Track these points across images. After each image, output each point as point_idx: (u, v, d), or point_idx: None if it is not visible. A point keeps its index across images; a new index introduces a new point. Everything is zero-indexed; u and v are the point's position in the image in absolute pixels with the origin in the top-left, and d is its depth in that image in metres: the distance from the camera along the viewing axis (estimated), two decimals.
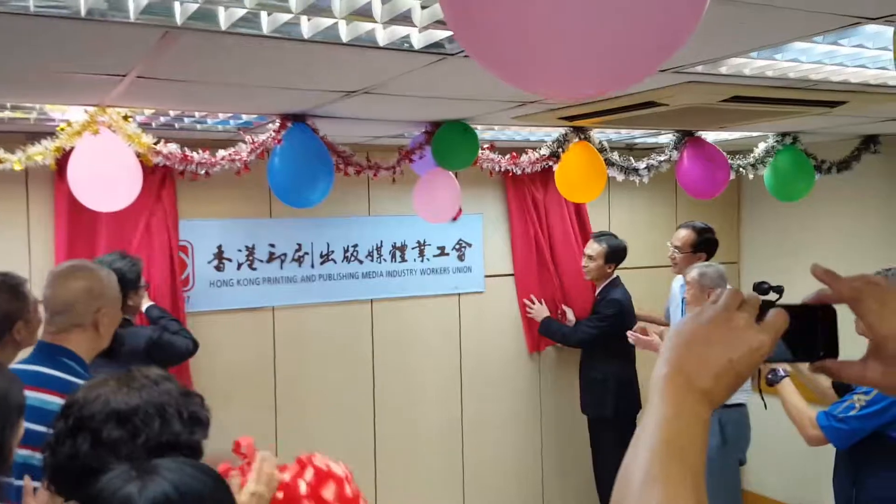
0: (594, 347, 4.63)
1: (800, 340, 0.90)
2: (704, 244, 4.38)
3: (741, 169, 4.56)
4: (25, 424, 2.04)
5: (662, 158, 4.35)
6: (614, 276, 4.65)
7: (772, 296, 3.32)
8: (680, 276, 4.52)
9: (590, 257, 4.60)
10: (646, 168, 4.35)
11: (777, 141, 4.59)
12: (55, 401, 2.05)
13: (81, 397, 1.44)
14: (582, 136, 4.04)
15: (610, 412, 4.58)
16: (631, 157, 4.32)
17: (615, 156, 4.24)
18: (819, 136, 4.63)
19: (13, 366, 2.32)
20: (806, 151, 4.62)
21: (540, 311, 4.84)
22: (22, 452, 1.99)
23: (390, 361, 4.73)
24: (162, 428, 1.38)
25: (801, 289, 2.64)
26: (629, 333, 4.14)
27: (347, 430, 4.57)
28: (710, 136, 4.49)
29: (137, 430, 1.37)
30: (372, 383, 4.70)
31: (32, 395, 2.12)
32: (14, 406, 1.70)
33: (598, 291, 4.71)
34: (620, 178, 4.31)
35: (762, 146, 4.61)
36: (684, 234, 4.38)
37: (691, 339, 0.83)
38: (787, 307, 0.89)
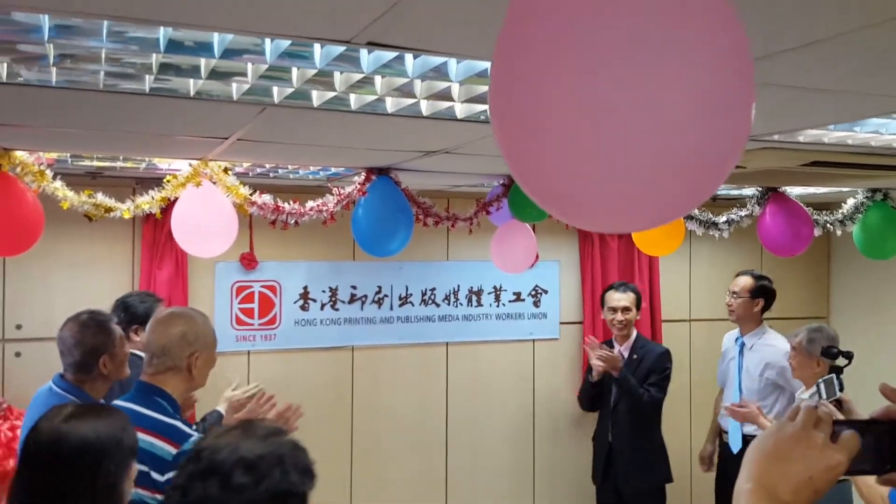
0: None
1: (869, 454, 0.97)
2: (762, 291, 4.24)
3: (828, 225, 4.44)
4: None
5: (744, 213, 4.29)
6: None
7: (840, 360, 3.25)
8: (733, 332, 4.42)
9: (625, 309, 4.34)
10: (726, 222, 4.31)
11: (867, 197, 4.45)
12: (146, 438, 2.20)
13: (211, 443, 1.55)
14: None
15: (665, 479, 4.38)
16: (710, 212, 4.29)
17: (694, 210, 4.22)
18: None
19: (114, 402, 2.53)
20: None
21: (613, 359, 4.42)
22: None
23: (463, 403, 4.82)
24: (282, 477, 1.49)
25: (889, 347, 2.63)
26: (726, 408, 3.94)
27: (420, 468, 4.68)
28: (795, 190, 4.40)
29: (262, 478, 1.48)
30: (445, 424, 4.80)
31: None
32: (128, 449, 1.84)
33: (629, 343, 4.39)
34: (700, 231, 4.29)
35: (851, 202, 4.48)
36: (743, 281, 4.26)
37: (773, 455, 0.92)
38: (858, 423, 0.97)
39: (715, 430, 4.54)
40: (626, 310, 4.34)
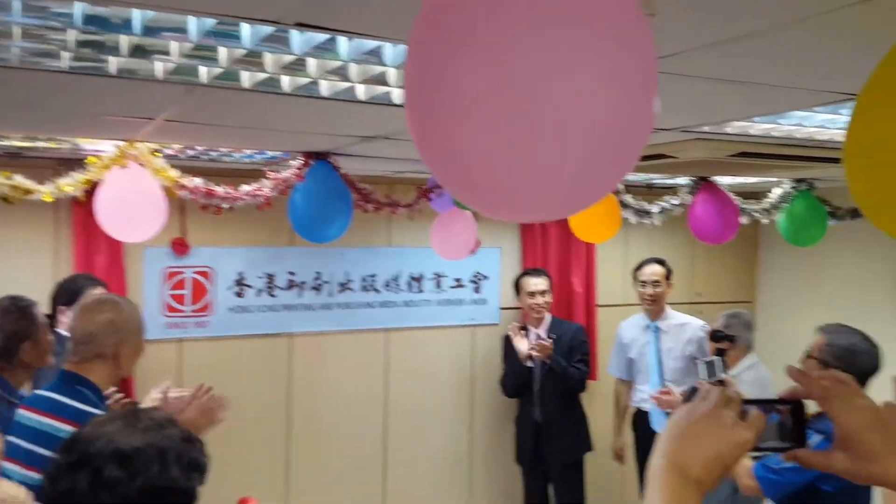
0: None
1: (776, 433, 1.04)
2: (671, 274, 4.47)
3: (755, 214, 4.59)
4: (36, 448, 2.15)
5: (675, 202, 4.40)
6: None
7: (724, 343, 3.44)
8: (630, 320, 4.59)
9: (543, 292, 4.57)
10: (659, 211, 4.40)
11: (792, 187, 4.62)
12: (66, 428, 2.13)
13: (87, 433, 1.47)
14: None
15: (588, 448, 4.61)
16: (644, 201, 4.37)
17: (629, 198, 4.29)
18: (834, 183, 4.65)
19: (35, 392, 2.43)
20: (821, 198, 4.65)
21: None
22: (28, 473, 2.10)
23: (403, 389, 4.82)
24: (161, 472, 1.41)
25: (812, 329, 2.70)
26: (652, 396, 3.96)
27: (359, 454, 4.66)
28: (725, 180, 4.53)
29: (136, 472, 1.40)
30: (384, 410, 4.78)
31: (46, 422, 2.23)
32: None
33: (545, 326, 4.61)
34: (633, 220, 4.36)
35: (777, 192, 4.64)
36: (657, 269, 4.43)
37: (685, 433, 0.96)
38: (763, 402, 1.02)
39: (623, 420, 4.67)
40: (544, 293, 4.54)
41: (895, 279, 4.89)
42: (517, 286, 4.67)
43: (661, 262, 4.48)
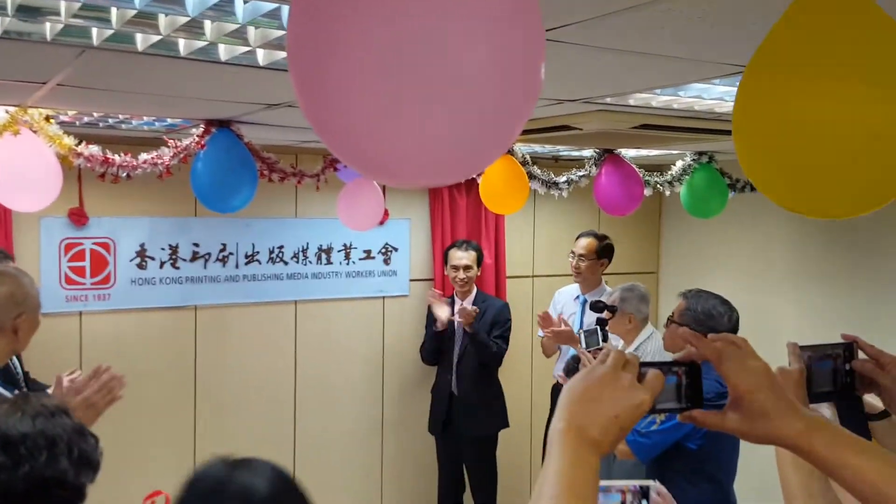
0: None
1: (672, 394, 1.07)
2: (606, 251, 4.48)
3: (658, 186, 4.71)
4: None
5: (581, 174, 4.49)
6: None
7: (605, 314, 3.62)
8: (567, 288, 4.62)
9: (467, 267, 4.54)
10: (565, 182, 4.49)
11: (694, 160, 4.76)
12: None
13: None
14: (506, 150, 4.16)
15: (503, 425, 4.64)
16: (552, 172, 4.45)
17: (536, 169, 4.37)
18: (734, 155, 4.80)
19: None
20: (721, 170, 4.80)
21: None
22: None
23: (313, 362, 4.80)
24: (48, 462, 1.32)
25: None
26: (549, 329, 4.08)
27: (267, 429, 4.63)
28: (630, 153, 4.64)
29: (21, 459, 1.31)
30: (294, 383, 4.77)
31: None
32: None
33: (471, 299, 4.61)
34: (542, 191, 4.44)
35: (679, 164, 4.78)
36: (587, 242, 4.45)
37: (583, 396, 0.97)
38: (660, 364, 1.05)
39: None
40: (467, 268, 4.54)
41: (794, 250, 5.10)
42: (445, 257, 4.68)
43: (596, 236, 4.46)
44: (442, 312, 4.56)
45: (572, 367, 3.59)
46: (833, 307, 4.84)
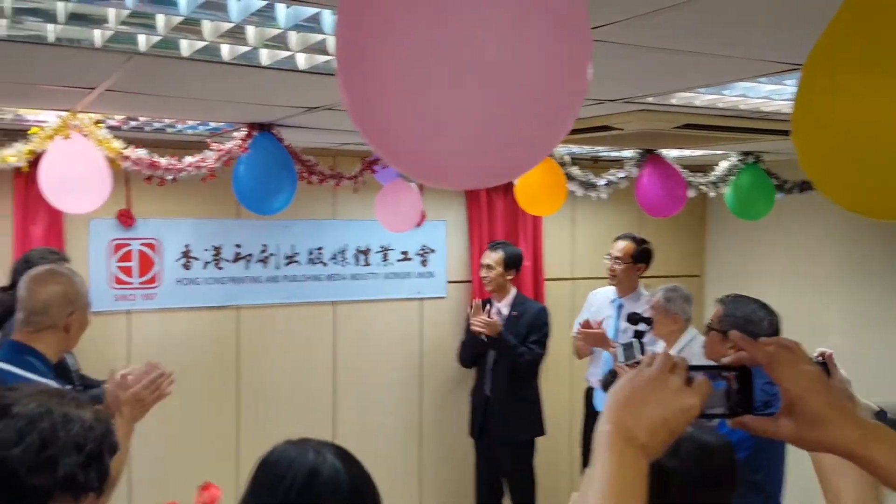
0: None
1: (722, 399, 1.04)
2: (643, 255, 4.37)
3: (702, 187, 4.62)
4: None
5: (622, 175, 4.43)
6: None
7: (642, 326, 3.56)
8: (602, 290, 4.54)
9: (488, 266, 4.46)
10: (605, 184, 4.43)
11: (739, 160, 4.66)
12: None
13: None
14: None
15: (539, 432, 4.56)
16: (591, 174, 4.41)
17: (575, 170, 4.33)
18: (781, 155, 4.70)
19: None
20: (768, 171, 4.69)
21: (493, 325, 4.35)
22: None
23: (351, 363, 4.83)
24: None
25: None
26: (581, 331, 4.06)
27: (307, 427, 4.61)
28: (672, 153, 4.57)
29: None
30: (332, 383, 4.81)
31: None
32: None
33: (508, 301, 4.50)
34: (580, 192, 4.40)
35: (724, 165, 4.67)
36: (624, 245, 4.33)
37: (630, 398, 0.95)
38: (709, 368, 1.03)
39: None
40: (488, 267, 4.47)
41: (843, 252, 4.96)
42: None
43: (634, 239, 4.36)
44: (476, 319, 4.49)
45: (609, 382, 3.54)
46: (883, 310, 4.72)
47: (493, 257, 4.48)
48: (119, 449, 1.49)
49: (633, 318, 3.68)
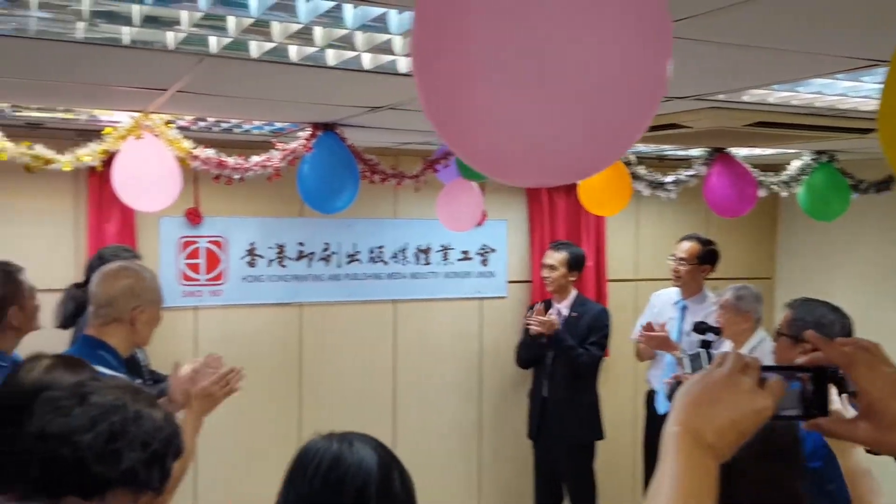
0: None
1: (796, 400, 1.00)
2: (709, 256, 4.25)
3: (773, 186, 4.49)
4: None
5: (690, 174, 4.33)
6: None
7: (709, 336, 3.43)
8: (665, 291, 4.45)
9: (551, 267, 4.39)
10: (673, 183, 4.34)
11: (813, 159, 4.51)
12: None
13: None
14: None
15: (598, 435, 4.49)
16: (657, 173, 4.32)
17: (641, 169, 4.26)
18: (857, 154, 4.53)
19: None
20: (843, 170, 4.53)
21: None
22: None
23: (411, 361, 4.85)
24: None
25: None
26: (643, 334, 4.01)
27: (367, 425, 4.64)
28: (742, 152, 4.45)
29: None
30: (393, 381, 4.84)
31: None
32: None
33: (569, 302, 4.45)
34: (647, 192, 4.32)
35: (796, 164, 4.53)
36: (689, 246, 4.23)
37: (700, 399, 0.93)
38: (784, 368, 0.99)
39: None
40: (550, 268, 4.41)
41: None
42: None
43: (699, 240, 4.26)
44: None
45: (675, 390, 3.46)
46: None
47: (556, 257, 4.42)
48: (184, 453, 1.52)
49: (701, 328, 3.59)
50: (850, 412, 1.09)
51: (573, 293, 4.50)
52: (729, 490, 1.34)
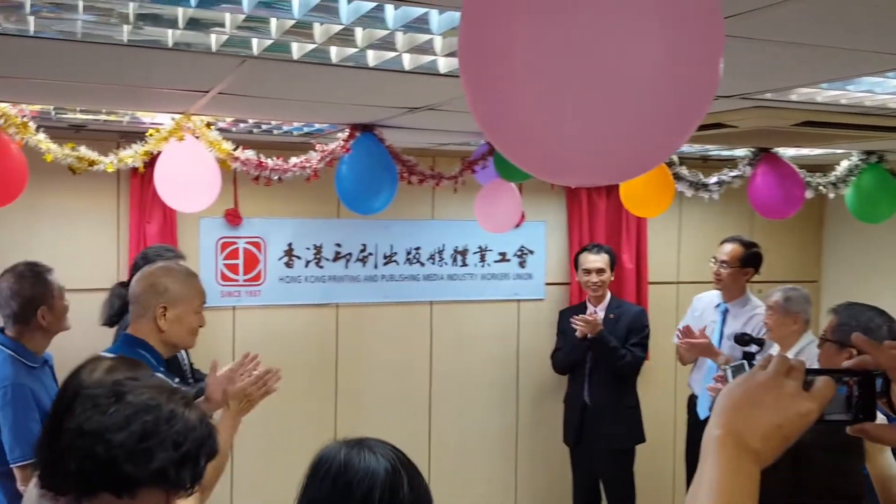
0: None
1: (842, 404, 0.98)
2: (752, 259, 4.12)
3: (821, 187, 4.37)
4: None
5: (735, 174, 4.22)
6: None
7: (752, 347, 3.33)
8: (707, 294, 4.36)
9: (600, 270, 4.34)
10: (716, 183, 4.25)
11: (861, 159, 4.39)
12: None
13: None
14: None
15: (640, 439, 4.42)
16: (700, 174, 4.24)
17: (684, 170, 4.18)
18: None
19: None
20: (892, 171, 4.40)
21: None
22: None
23: (448, 363, 4.83)
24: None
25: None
26: (684, 340, 3.94)
27: (403, 426, 4.70)
28: (788, 152, 4.34)
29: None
30: (429, 382, 4.82)
31: None
32: None
33: (604, 305, 4.41)
34: (689, 193, 4.24)
35: (844, 164, 4.41)
36: (731, 249, 4.11)
37: (742, 402, 0.90)
38: (830, 372, 0.96)
39: None
40: (600, 271, 4.35)
41: None
42: (576, 262, 4.51)
43: (742, 242, 4.16)
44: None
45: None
46: None
47: (603, 259, 4.36)
48: (217, 454, 1.52)
49: (744, 340, 3.51)
50: (880, 418, 1.06)
51: (608, 295, 4.46)
52: (798, 477, 1.33)
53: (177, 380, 2.45)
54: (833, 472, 1.49)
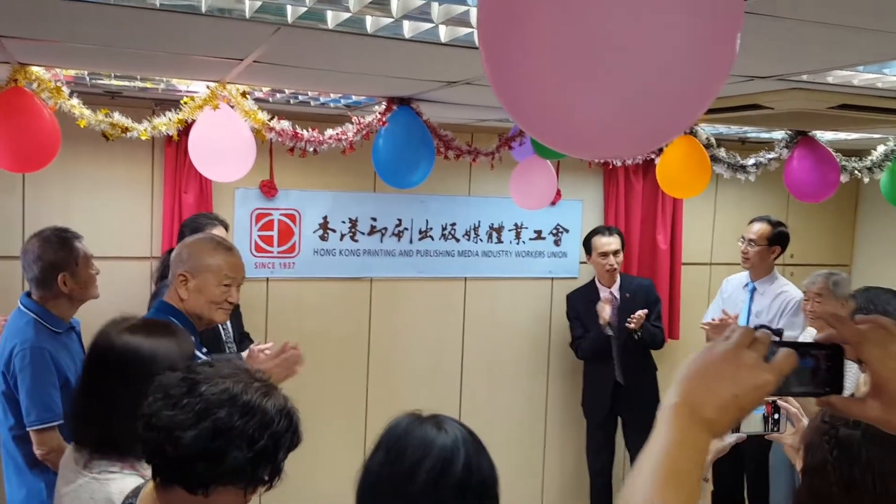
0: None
1: (809, 377, 0.99)
2: (779, 238, 4.20)
3: (856, 172, 4.32)
4: None
5: (771, 156, 4.19)
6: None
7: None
8: (736, 276, 4.42)
9: (616, 252, 4.46)
10: (754, 165, 4.21)
11: None
12: None
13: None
14: (687, 131, 3.97)
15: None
16: (737, 155, 4.19)
17: (721, 152, 4.13)
18: None
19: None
20: None
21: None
22: None
23: (480, 339, 4.86)
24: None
25: None
26: (708, 323, 3.99)
27: (434, 399, 4.74)
28: (826, 135, 4.29)
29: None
30: (460, 358, 4.85)
31: None
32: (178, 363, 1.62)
33: (617, 284, 4.50)
34: (727, 175, 4.20)
35: (881, 149, 4.36)
36: (759, 228, 4.20)
37: (701, 372, 0.91)
38: (797, 345, 0.96)
39: None
40: (616, 252, 4.42)
41: None
42: (587, 245, 4.53)
43: (770, 221, 4.23)
44: (605, 313, 4.41)
45: None
46: None
47: (616, 241, 4.45)
48: (301, 441, 1.49)
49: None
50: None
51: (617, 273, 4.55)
52: (854, 480, 1.33)
53: (204, 349, 2.49)
54: (891, 476, 1.48)
